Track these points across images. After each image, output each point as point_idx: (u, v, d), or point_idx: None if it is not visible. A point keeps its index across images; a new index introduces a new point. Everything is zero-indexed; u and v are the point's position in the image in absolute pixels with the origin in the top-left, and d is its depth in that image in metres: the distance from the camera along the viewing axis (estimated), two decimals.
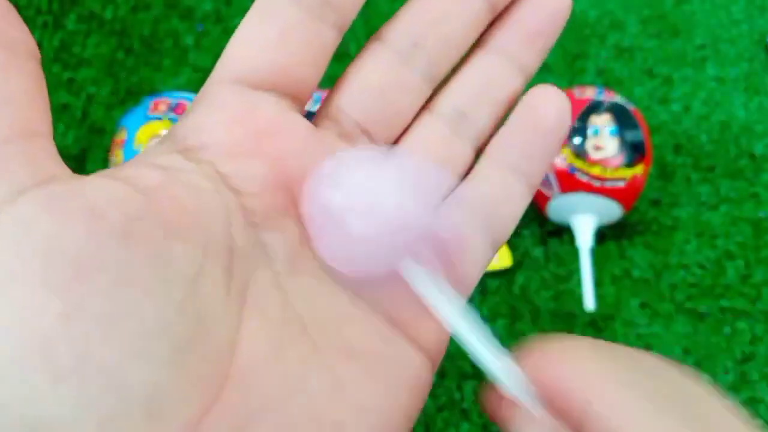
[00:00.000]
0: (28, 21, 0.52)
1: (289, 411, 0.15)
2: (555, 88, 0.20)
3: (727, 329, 0.44)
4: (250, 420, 0.15)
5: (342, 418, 0.16)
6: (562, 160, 0.43)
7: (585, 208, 0.44)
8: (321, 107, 0.20)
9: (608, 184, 0.43)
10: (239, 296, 0.16)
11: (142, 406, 0.13)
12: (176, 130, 0.18)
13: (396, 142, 0.20)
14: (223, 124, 0.17)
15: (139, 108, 0.43)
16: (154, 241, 0.14)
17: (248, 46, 0.18)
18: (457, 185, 0.20)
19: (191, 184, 0.16)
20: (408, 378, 0.17)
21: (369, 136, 0.19)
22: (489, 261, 0.20)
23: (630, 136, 0.43)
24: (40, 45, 0.51)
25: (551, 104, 0.20)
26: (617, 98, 0.44)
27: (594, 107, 0.44)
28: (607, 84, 0.52)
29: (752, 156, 0.50)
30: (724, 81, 0.53)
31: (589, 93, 0.45)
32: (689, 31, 0.55)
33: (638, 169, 0.43)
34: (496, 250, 0.20)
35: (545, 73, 0.53)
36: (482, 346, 0.17)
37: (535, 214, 0.47)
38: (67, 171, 0.15)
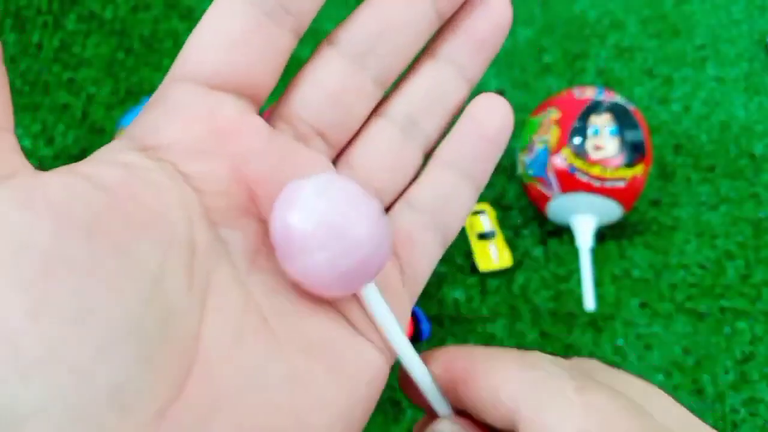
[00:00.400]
0: (28, 21, 0.52)
1: (250, 401, 0.16)
2: (498, 96, 0.21)
3: (727, 329, 0.44)
4: (212, 410, 0.15)
5: (302, 408, 0.16)
6: (563, 160, 0.43)
7: (585, 208, 0.44)
8: (275, 109, 0.20)
9: (608, 184, 0.43)
10: (201, 291, 0.16)
11: (110, 399, 0.14)
12: (135, 128, 0.18)
13: (349, 144, 0.21)
14: (183, 123, 0.18)
15: (139, 108, 0.43)
16: (118, 237, 0.15)
17: (207, 47, 0.18)
18: (408, 188, 0.21)
19: (152, 181, 0.16)
20: (365, 371, 0.18)
21: (324, 138, 0.20)
22: (438, 258, 0.21)
23: (630, 136, 0.43)
24: (40, 45, 0.51)
25: (494, 112, 0.21)
26: (617, 98, 0.44)
27: (594, 107, 0.44)
28: (607, 84, 0.53)
29: (752, 156, 0.50)
30: (724, 81, 0.53)
31: (589, 93, 0.45)
32: (689, 31, 0.55)
33: (638, 169, 0.43)
34: (445, 247, 0.21)
35: (545, 73, 0.53)
36: (418, 364, 0.19)
37: (535, 214, 0.47)
38: (29, 166, 0.15)
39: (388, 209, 0.21)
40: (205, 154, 0.17)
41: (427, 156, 0.22)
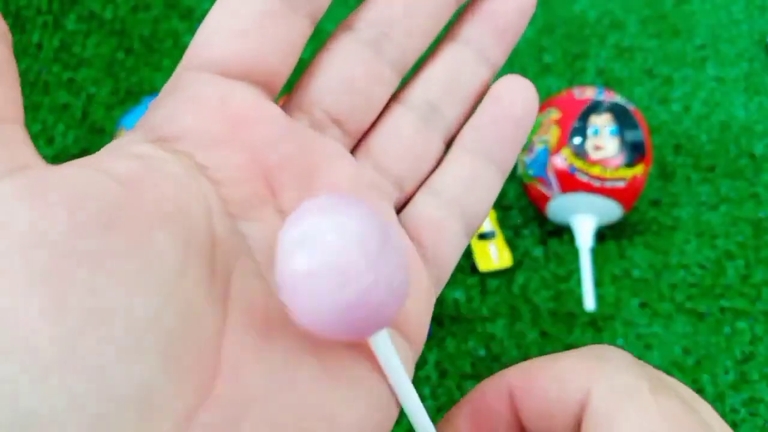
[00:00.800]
0: (28, 21, 0.52)
1: (279, 402, 0.15)
2: (521, 78, 0.21)
3: (727, 329, 0.44)
4: (243, 410, 0.14)
5: (333, 407, 0.16)
6: (563, 160, 0.43)
7: (585, 208, 0.44)
8: (291, 97, 0.19)
9: (608, 184, 0.43)
10: (223, 287, 0.15)
11: (133, 402, 0.13)
12: (148, 119, 0.17)
13: (367, 132, 0.20)
14: (198, 113, 0.17)
15: (139, 108, 0.43)
16: (136, 231, 0.14)
17: (220, 34, 0.18)
18: (431, 176, 0.21)
19: (169, 173, 0.16)
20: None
21: (340, 126, 0.19)
22: (464, 247, 0.20)
23: (630, 136, 0.43)
24: (40, 45, 0.51)
25: (518, 94, 0.20)
26: (617, 98, 0.44)
27: (594, 107, 0.44)
28: (607, 84, 0.52)
29: (752, 156, 0.50)
30: (724, 81, 0.53)
31: (589, 93, 0.45)
32: (689, 31, 0.55)
33: (638, 169, 0.43)
34: (470, 236, 0.21)
35: (545, 73, 0.53)
36: (424, 421, 0.18)
37: (535, 214, 0.47)
38: (41, 159, 0.15)
39: (409, 199, 0.20)
40: (221, 143, 0.17)
41: (449, 144, 0.21)
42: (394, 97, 0.21)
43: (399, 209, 0.20)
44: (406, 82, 0.21)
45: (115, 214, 0.14)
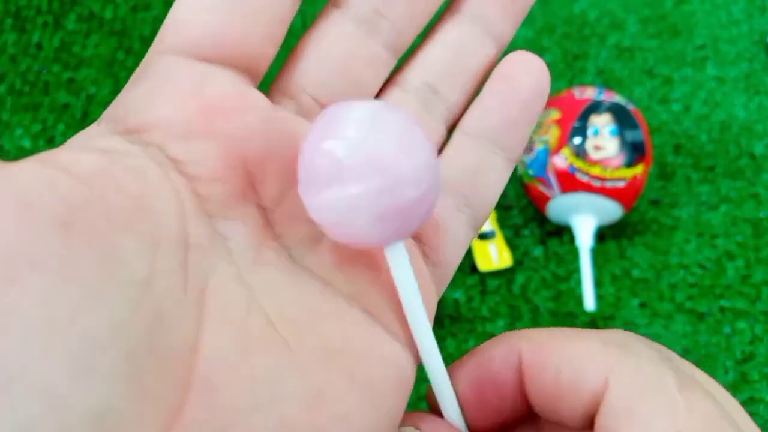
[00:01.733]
0: (28, 21, 0.52)
1: (262, 422, 0.14)
2: (531, 54, 0.19)
3: (727, 329, 0.44)
4: None
5: (322, 426, 0.14)
6: (563, 160, 0.43)
7: (585, 208, 0.44)
8: (276, 81, 0.18)
9: (608, 184, 0.43)
10: (198, 294, 0.14)
11: (90, 428, 0.11)
12: (115, 109, 0.15)
13: None
14: (170, 100, 0.15)
15: None
16: (98, 234, 0.12)
17: (194, 12, 0.16)
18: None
19: (136, 169, 0.14)
20: (391, 376, 0.16)
21: None
22: (469, 240, 0.19)
23: (630, 136, 0.43)
24: (40, 45, 0.51)
25: (528, 71, 0.19)
26: (617, 98, 0.44)
27: (594, 107, 0.44)
28: (607, 84, 0.52)
29: (752, 156, 0.50)
30: (724, 81, 0.53)
31: (589, 93, 0.45)
32: (689, 31, 0.55)
33: (638, 169, 0.43)
34: (477, 228, 0.19)
35: None
36: (435, 354, 0.17)
37: (535, 214, 0.47)
38: None
39: None
40: (196, 134, 0.15)
41: (451, 129, 0.19)
42: (390, 80, 0.19)
43: None
44: (403, 62, 0.19)
45: (72, 216, 0.12)
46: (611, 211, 0.44)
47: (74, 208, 0.12)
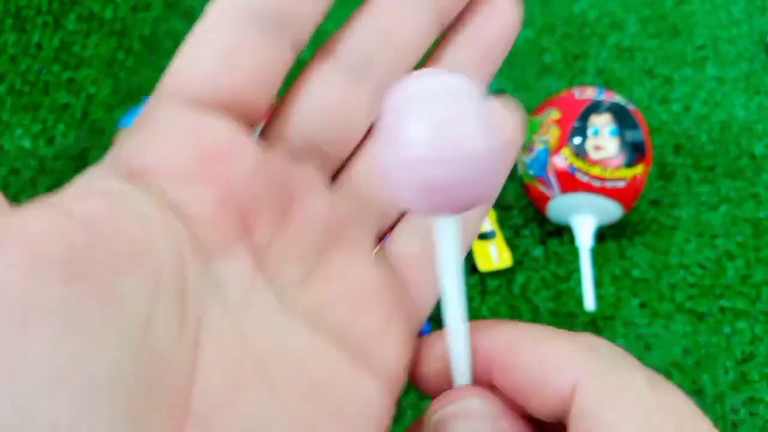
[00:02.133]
0: (28, 21, 0.52)
1: None
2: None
3: (727, 329, 0.44)
4: None
5: None
6: (563, 160, 0.43)
7: (585, 208, 0.44)
8: (269, 124, 0.19)
9: (608, 184, 0.43)
10: (193, 336, 0.15)
11: None
12: (119, 151, 0.16)
13: (349, 159, 0.20)
14: (169, 146, 0.16)
15: (139, 108, 0.43)
16: (100, 278, 0.13)
17: (195, 63, 0.17)
18: None
19: (137, 212, 0.15)
20: (370, 414, 0.17)
21: (321, 154, 0.19)
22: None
23: (630, 136, 0.43)
24: (40, 45, 0.51)
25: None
26: (617, 98, 0.44)
27: (594, 107, 0.44)
28: (607, 84, 0.53)
29: (752, 156, 0.50)
30: (724, 81, 0.53)
31: (589, 93, 0.45)
32: (689, 31, 0.55)
33: (638, 169, 0.43)
34: (468, 246, 0.20)
35: (545, 74, 0.53)
36: (462, 329, 0.18)
37: (535, 214, 0.47)
38: (5, 203, 0.14)
39: (393, 226, 0.20)
40: (193, 179, 0.16)
41: None
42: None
43: (380, 238, 0.20)
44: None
45: (77, 261, 0.13)
46: (611, 211, 0.44)
47: (78, 252, 0.13)
